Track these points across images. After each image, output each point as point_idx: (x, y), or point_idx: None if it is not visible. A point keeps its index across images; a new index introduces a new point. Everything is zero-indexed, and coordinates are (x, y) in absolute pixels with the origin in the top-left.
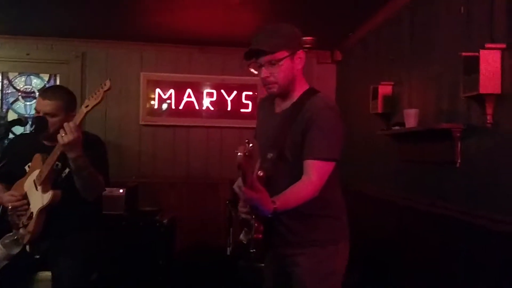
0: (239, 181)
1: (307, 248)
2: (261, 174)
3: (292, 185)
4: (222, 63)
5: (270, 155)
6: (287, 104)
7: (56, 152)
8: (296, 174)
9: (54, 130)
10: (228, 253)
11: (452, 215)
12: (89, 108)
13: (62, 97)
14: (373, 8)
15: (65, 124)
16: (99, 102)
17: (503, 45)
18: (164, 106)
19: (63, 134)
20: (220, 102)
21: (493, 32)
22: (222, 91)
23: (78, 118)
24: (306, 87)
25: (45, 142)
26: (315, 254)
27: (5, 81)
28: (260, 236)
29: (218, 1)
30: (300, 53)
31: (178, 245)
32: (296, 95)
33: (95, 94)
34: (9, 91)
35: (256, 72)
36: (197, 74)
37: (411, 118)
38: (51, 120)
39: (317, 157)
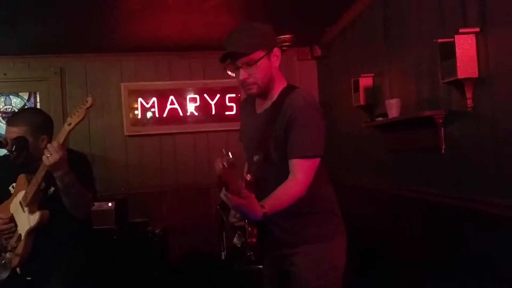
0: (223, 190)
1: (302, 246)
2: (249, 178)
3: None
4: (203, 67)
5: (256, 158)
6: (267, 103)
7: (41, 172)
8: (284, 174)
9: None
10: (223, 257)
11: (441, 201)
12: (72, 126)
13: (28, 122)
14: (348, 1)
15: (49, 145)
16: (81, 120)
17: (477, 29)
18: (149, 114)
19: (48, 155)
20: (204, 107)
21: (466, 17)
22: (205, 95)
23: (61, 137)
24: (284, 84)
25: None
26: (311, 251)
27: None
28: (254, 240)
29: (192, 6)
30: (276, 51)
31: (172, 253)
32: (275, 93)
33: (77, 111)
34: None
35: (233, 75)
36: (178, 80)
37: (393, 108)
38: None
39: (301, 155)
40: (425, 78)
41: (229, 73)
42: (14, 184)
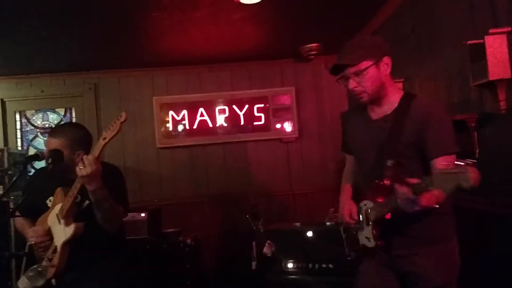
0: (406, 192)
1: (425, 247)
2: (387, 182)
3: None
4: (231, 79)
5: (390, 162)
6: (385, 109)
7: (77, 185)
8: (412, 174)
9: (64, 167)
10: (253, 267)
11: (478, 207)
12: (106, 140)
13: (67, 135)
14: (375, 7)
15: (84, 157)
16: (116, 134)
17: (508, 29)
18: (180, 127)
19: (81, 167)
20: (233, 118)
21: (496, 17)
22: (234, 106)
23: (96, 151)
24: (400, 92)
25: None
26: (434, 252)
27: (23, 119)
28: (383, 242)
29: (219, 18)
30: (386, 60)
31: (204, 263)
32: (393, 100)
33: (112, 126)
34: (28, 129)
35: (344, 86)
36: (207, 93)
37: None
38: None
39: (447, 152)
40: (455, 81)
41: (341, 85)
42: (51, 198)
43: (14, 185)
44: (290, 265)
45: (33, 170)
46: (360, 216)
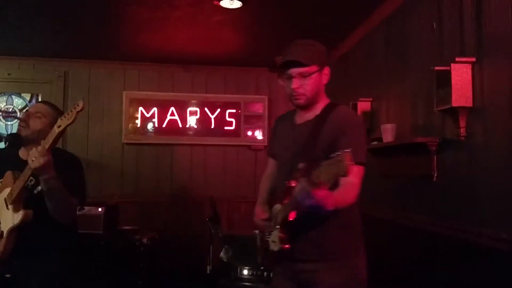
0: (303, 183)
1: (327, 261)
2: (293, 184)
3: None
4: (205, 81)
5: (301, 165)
6: (309, 116)
7: (28, 171)
8: None
9: (37, 132)
10: (208, 271)
11: (431, 229)
12: (61, 128)
13: (55, 108)
14: (351, 26)
15: (34, 149)
16: (71, 123)
17: (473, 59)
18: (150, 125)
19: (33, 158)
20: (203, 120)
21: (463, 46)
22: (206, 109)
23: (49, 140)
24: (327, 101)
25: (22, 156)
26: (337, 267)
27: None
28: (288, 246)
29: (198, 20)
30: (326, 69)
31: (159, 264)
32: (318, 107)
33: (68, 114)
34: None
35: (282, 83)
36: (180, 93)
37: (388, 133)
38: (36, 121)
39: (356, 161)
40: (421, 105)
41: (280, 82)
42: (1, 181)
43: None
44: (245, 272)
45: None
46: (273, 220)
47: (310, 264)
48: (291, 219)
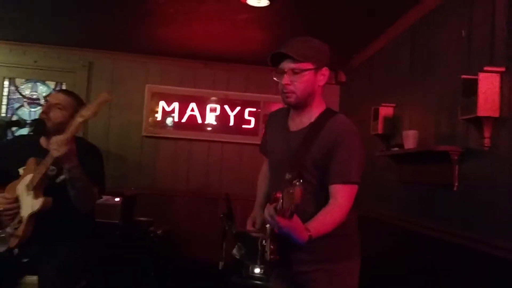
0: (271, 209)
1: (323, 264)
2: (279, 195)
3: (319, 209)
4: (227, 79)
5: (288, 176)
6: (303, 122)
7: (49, 160)
8: (316, 195)
9: (57, 124)
10: (220, 267)
11: (448, 239)
12: (83, 119)
13: (76, 98)
14: (377, 31)
15: (56, 137)
16: (94, 114)
17: (503, 69)
18: (169, 119)
19: (55, 147)
20: (222, 117)
21: (493, 55)
22: (226, 106)
23: (72, 129)
24: (323, 106)
25: (43, 144)
26: (331, 270)
27: (12, 87)
28: (277, 257)
29: (225, 17)
30: (324, 70)
31: (172, 257)
32: (314, 113)
33: (91, 105)
34: (15, 97)
35: (276, 79)
36: (201, 89)
37: (410, 139)
38: (57, 112)
39: (345, 180)
40: (445, 113)
41: (274, 78)
42: (24, 167)
43: None
44: (257, 270)
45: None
46: (268, 227)
47: (304, 267)
48: (276, 232)
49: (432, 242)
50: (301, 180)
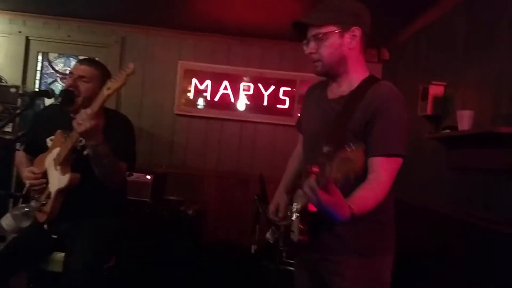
0: (311, 181)
1: (352, 257)
2: (316, 170)
3: (360, 185)
4: (261, 56)
5: (326, 149)
6: (343, 90)
7: (75, 135)
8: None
9: (84, 98)
10: (253, 251)
11: (506, 231)
12: (110, 91)
13: (100, 68)
14: (426, 3)
15: (82, 111)
16: (121, 86)
17: None
18: (201, 99)
19: (80, 121)
20: (256, 97)
21: None
22: (260, 85)
23: (98, 102)
24: (366, 73)
25: (72, 115)
26: (361, 265)
27: (45, 62)
28: (307, 238)
29: None
30: (355, 30)
31: (202, 237)
32: (354, 80)
33: (118, 76)
34: (48, 72)
35: (306, 51)
36: (235, 66)
37: (464, 120)
38: (83, 86)
39: (387, 153)
40: (505, 91)
41: (304, 48)
42: (52, 137)
43: (20, 119)
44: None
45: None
46: (294, 206)
47: (332, 256)
48: (310, 209)
49: (486, 235)
50: (362, 144)
